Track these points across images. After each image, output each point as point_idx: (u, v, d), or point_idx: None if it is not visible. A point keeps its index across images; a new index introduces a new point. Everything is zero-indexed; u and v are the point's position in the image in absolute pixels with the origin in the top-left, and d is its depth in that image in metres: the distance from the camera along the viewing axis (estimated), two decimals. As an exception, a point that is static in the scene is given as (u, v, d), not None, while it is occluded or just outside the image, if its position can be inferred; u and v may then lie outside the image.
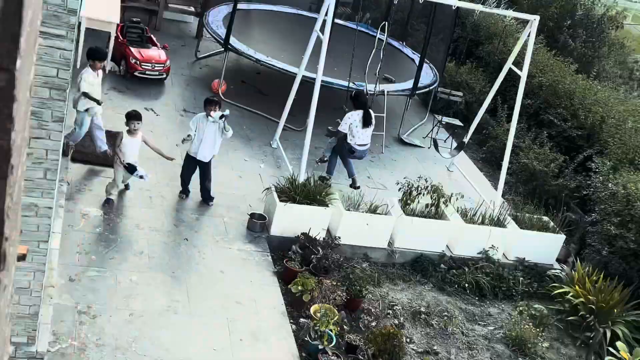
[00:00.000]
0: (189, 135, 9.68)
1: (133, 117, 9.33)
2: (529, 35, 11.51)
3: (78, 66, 12.36)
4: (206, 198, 9.99)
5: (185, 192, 9.94)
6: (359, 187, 11.12)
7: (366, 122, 10.90)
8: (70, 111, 9.04)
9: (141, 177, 9.33)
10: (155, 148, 9.64)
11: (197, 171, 9.91)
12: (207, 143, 9.66)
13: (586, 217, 11.49)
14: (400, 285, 9.82)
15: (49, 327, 6.93)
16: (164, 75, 13.25)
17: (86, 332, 7.21)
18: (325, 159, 11.36)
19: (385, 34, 13.36)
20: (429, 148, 13.90)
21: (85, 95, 9.75)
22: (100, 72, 9.96)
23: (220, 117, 9.59)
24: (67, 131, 9.91)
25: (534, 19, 11.42)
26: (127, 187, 9.67)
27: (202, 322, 7.83)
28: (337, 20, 14.14)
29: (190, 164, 9.83)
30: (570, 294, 9.91)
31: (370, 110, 11.06)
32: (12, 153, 1.36)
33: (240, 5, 14.56)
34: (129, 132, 9.28)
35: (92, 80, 9.83)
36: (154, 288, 8.13)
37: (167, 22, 16.00)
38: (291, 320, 8.36)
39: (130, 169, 9.26)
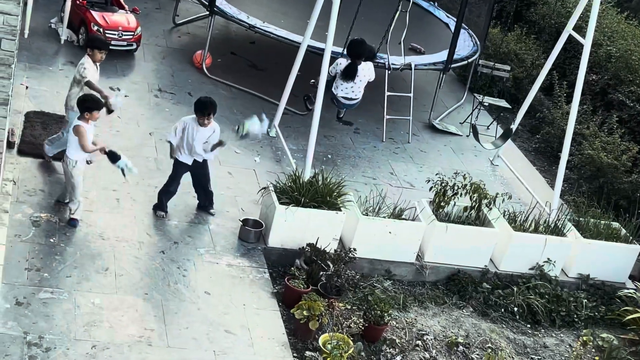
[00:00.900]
0: (169, 143, 9.73)
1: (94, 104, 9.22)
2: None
3: (26, 35, 12.42)
4: (207, 205, 10.04)
5: (164, 209, 9.80)
6: (350, 124, 12.21)
7: (347, 75, 11.47)
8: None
9: (125, 170, 9.21)
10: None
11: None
12: (199, 147, 9.72)
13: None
14: (431, 309, 9.82)
15: (-9, 363, 6.96)
16: (134, 46, 13.28)
17: (37, 368, 7.24)
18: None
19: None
20: (467, 136, 13.89)
21: (89, 85, 9.71)
22: (98, 65, 10.01)
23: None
24: (52, 135, 9.94)
25: (601, -27, 11.40)
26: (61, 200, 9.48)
27: (183, 357, 7.84)
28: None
29: (181, 171, 9.81)
30: (647, 320, 9.91)
31: (363, 63, 11.46)
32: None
33: (229, -42, 14.57)
34: (82, 118, 9.13)
35: (92, 73, 9.84)
36: (122, 313, 8.15)
37: (137, -21, 16.05)
38: (295, 354, 8.36)
39: (113, 157, 9.17)
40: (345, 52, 11.69)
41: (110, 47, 12.98)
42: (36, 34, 12.96)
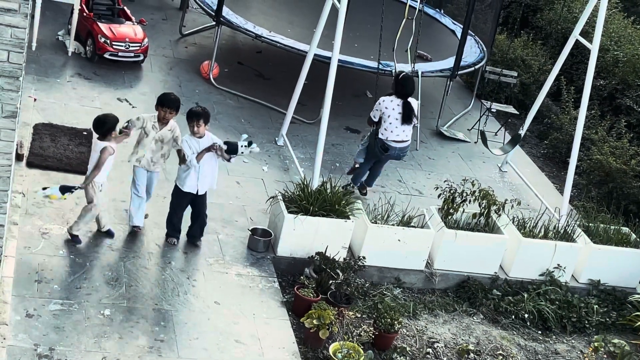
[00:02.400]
0: (184, 160, 9.23)
1: (113, 124, 8.96)
2: (600, -2, 11.46)
3: (34, 48, 12.48)
4: (195, 236, 9.61)
5: (175, 235, 9.56)
6: (365, 194, 11.37)
7: (405, 117, 10.85)
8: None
9: (46, 196, 8.93)
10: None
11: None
12: (206, 172, 9.29)
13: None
14: (442, 316, 9.80)
15: (2, 375, 6.98)
16: (141, 57, 13.32)
17: (48, 380, 7.26)
18: (357, 165, 11.30)
19: (421, 1, 13.36)
20: (475, 143, 13.88)
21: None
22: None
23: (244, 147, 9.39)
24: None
25: (607, -23, 11.39)
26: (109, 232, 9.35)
27: (193, 367, 7.85)
28: (357, -16, 14.17)
29: (183, 201, 9.42)
30: (659, 325, 9.86)
31: (411, 102, 10.96)
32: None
33: (235, -32, 14.62)
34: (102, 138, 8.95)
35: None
36: (132, 324, 8.16)
37: (143, -10, 16.11)
38: (305, 363, 8.36)
39: (65, 188, 8.90)
40: (393, 84, 11.06)
41: (118, 59, 13.08)
42: (44, 47, 13.02)
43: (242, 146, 9.31)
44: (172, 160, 10.46)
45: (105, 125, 8.88)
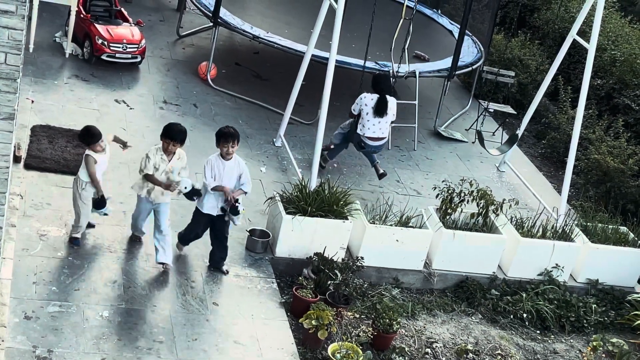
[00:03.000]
0: (195, 192, 8.87)
1: (95, 136, 8.86)
2: (597, -2, 11.48)
3: (31, 50, 12.47)
4: (218, 262, 9.27)
5: (184, 245, 9.41)
6: (384, 174, 11.59)
7: (378, 110, 11.19)
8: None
9: (106, 214, 9.15)
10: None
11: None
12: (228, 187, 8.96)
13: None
14: (440, 316, 9.80)
15: (0, 377, 6.97)
16: (139, 59, 13.32)
17: (47, 382, 7.25)
18: (332, 146, 11.70)
19: (416, 0, 13.37)
20: (473, 143, 13.89)
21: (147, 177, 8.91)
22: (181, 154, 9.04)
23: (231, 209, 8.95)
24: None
25: (604, -23, 11.39)
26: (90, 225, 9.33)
27: (192, 368, 7.86)
28: (354, -15, 14.19)
29: (201, 222, 9.12)
30: (657, 324, 9.87)
31: (389, 98, 11.28)
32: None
33: (232, -31, 14.62)
34: (95, 150, 8.85)
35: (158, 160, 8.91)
36: (131, 326, 8.16)
37: (140, -9, 16.11)
38: (304, 364, 8.36)
39: (99, 203, 8.94)
40: (372, 87, 11.42)
41: (115, 60, 13.08)
42: (41, 48, 13.02)
43: (240, 217, 9.10)
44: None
45: (86, 136, 8.89)
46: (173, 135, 8.76)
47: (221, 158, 8.90)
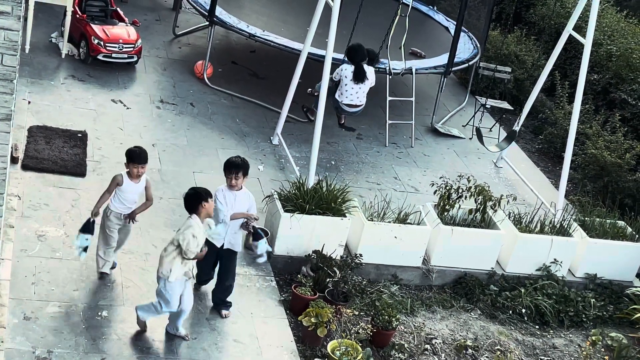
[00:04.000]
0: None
1: (137, 158, 8.25)
2: (592, -7, 11.48)
3: (27, 50, 12.46)
4: (218, 304, 8.68)
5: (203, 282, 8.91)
6: (353, 130, 12.24)
7: (357, 77, 11.40)
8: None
9: (82, 249, 8.29)
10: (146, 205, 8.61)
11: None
12: (236, 224, 8.51)
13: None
14: (439, 313, 9.81)
15: (0, 378, 6.97)
16: (135, 58, 13.31)
17: (47, 383, 7.26)
18: (315, 109, 11.60)
19: (411, -3, 13.38)
20: (470, 139, 13.90)
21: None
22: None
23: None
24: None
25: (599, -28, 11.40)
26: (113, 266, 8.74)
27: (192, 367, 7.86)
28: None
29: (208, 254, 8.10)
30: (656, 318, 9.89)
31: (366, 67, 11.47)
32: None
33: (227, -33, 14.61)
34: (130, 174, 8.29)
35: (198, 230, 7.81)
36: (131, 325, 8.15)
37: (136, -9, 16.09)
38: (303, 361, 8.37)
39: (85, 226, 8.24)
40: (345, 59, 11.65)
41: (111, 60, 13.07)
42: (37, 49, 13.01)
43: (264, 243, 8.60)
44: (167, 161, 10.49)
45: (129, 151, 8.26)
46: (205, 195, 7.78)
47: (231, 189, 8.40)
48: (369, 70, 11.58)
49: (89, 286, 8.49)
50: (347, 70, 11.40)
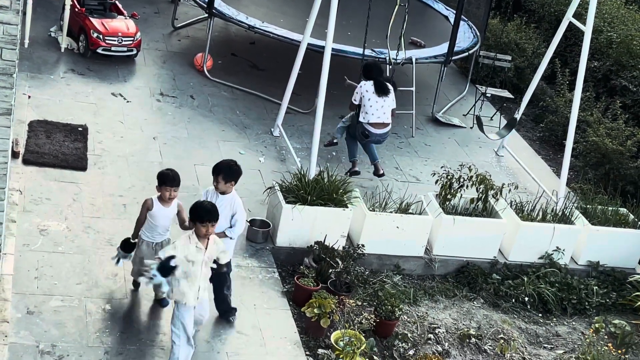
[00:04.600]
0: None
1: (170, 180, 7.92)
2: (592, -20, 11.45)
3: (26, 45, 12.44)
4: (226, 311, 8.46)
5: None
6: (383, 175, 11.32)
7: (379, 88, 11.04)
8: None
9: (118, 261, 8.23)
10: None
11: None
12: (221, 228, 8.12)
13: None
14: (442, 302, 9.82)
15: (4, 373, 6.99)
16: (134, 51, 13.29)
17: (51, 376, 7.27)
18: (335, 141, 11.59)
19: (410, -13, 13.34)
20: (471, 128, 13.89)
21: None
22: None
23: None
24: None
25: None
26: (161, 302, 8.30)
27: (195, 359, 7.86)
28: (348, -28, 14.16)
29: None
30: (659, 304, 9.89)
31: (385, 80, 11.20)
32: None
33: (225, -41, 14.57)
34: (161, 198, 7.98)
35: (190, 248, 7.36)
36: (134, 318, 8.16)
37: (134, -16, 16.06)
38: (307, 352, 8.37)
39: (125, 245, 8.14)
40: (362, 75, 11.36)
41: (111, 53, 13.05)
42: (36, 43, 12.99)
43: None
44: (168, 154, 10.46)
45: (159, 174, 7.96)
46: (205, 215, 7.25)
47: (216, 191, 8.10)
48: (390, 88, 11.27)
49: (92, 280, 8.49)
50: (367, 85, 11.09)
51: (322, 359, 8.17)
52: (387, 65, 13.07)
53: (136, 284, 8.41)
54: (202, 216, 7.20)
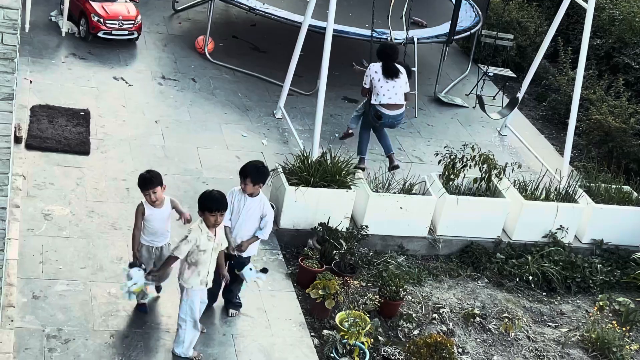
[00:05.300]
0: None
1: (148, 184, 7.64)
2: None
3: (27, 29, 12.42)
4: (230, 301, 8.37)
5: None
6: (397, 167, 10.88)
7: (388, 72, 10.50)
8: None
9: (129, 289, 7.71)
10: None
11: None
12: (245, 227, 8.01)
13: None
14: (446, 282, 9.83)
15: (10, 358, 7.00)
16: (135, 35, 13.26)
17: (58, 360, 7.29)
18: (350, 131, 11.21)
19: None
20: (474, 108, 13.86)
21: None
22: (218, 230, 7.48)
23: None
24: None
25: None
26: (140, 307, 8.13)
27: (201, 341, 7.88)
28: (349, -48, 14.09)
29: None
30: (663, 282, 9.90)
31: (397, 65, 10.86)
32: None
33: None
34: (150, 202, 7.70)
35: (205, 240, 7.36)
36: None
37: (134, -33, 16.00)
38: (312, 333, 8.39)
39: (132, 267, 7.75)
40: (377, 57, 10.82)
41: (112, 37, 13.02)
42: (37, 28, 12.96)
43: (251, 269, 7.99)
44: (170, 137, 10.45)
45: (139, 179, 7.71)
46: (215, 205, 7.24)
47: (244, 193, 7.92)
48: (401, 68, 10.73)
49: (97, 264, 8.51)
50: (375, 66, 10.53)
51: (327, 340, 8.19)
52: (398, 47, 12.94)
53: (141, 305, 8.11)
54: (211, 206, 7.19)
